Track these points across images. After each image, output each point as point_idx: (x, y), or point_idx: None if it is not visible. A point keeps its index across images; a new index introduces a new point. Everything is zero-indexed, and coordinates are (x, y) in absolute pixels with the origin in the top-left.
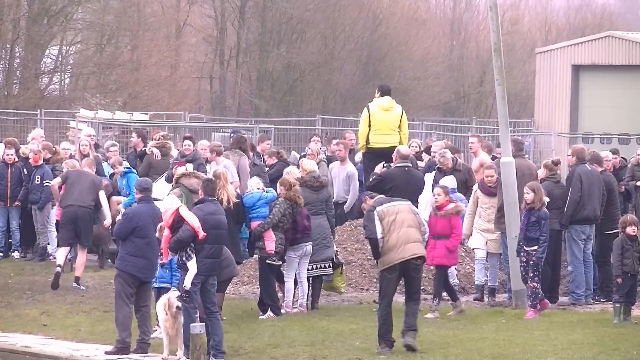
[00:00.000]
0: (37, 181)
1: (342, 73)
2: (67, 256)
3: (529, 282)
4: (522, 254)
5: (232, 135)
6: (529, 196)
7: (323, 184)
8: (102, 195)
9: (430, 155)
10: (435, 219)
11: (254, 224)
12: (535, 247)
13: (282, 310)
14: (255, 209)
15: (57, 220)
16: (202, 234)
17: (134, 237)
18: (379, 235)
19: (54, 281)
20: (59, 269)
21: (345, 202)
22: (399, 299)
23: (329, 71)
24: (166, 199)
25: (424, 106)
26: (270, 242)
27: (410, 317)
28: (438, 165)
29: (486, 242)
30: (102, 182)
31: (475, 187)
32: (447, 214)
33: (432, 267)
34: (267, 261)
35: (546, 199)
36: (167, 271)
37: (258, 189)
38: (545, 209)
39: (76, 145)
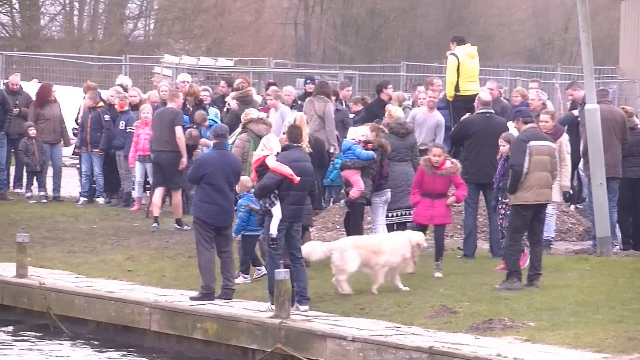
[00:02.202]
0: (122, 126)
1: (426, 19)
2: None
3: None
4: (500, 205)
5: (307, 81)
6: (504, 148)
7: (409, 130)
8: (179, 131)
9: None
10: (433, 178)
11: (343, 173)
12: None
13: None
14: (347, 155)
15: (132, 166)
16: (297, 179)
17: (204, 184)
18: (525, 170)
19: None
20: (155, 225)
21: (426, 148)
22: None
23: (414, 17)
24: (263, 139)
25: (509, 52)
26: (357, 189)
27: (536, 262)
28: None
29: None
30: (180, 116)
31: None
32: (448, 172)
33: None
34: (343, 200)
35: None
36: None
37: (352, 139)
38: None
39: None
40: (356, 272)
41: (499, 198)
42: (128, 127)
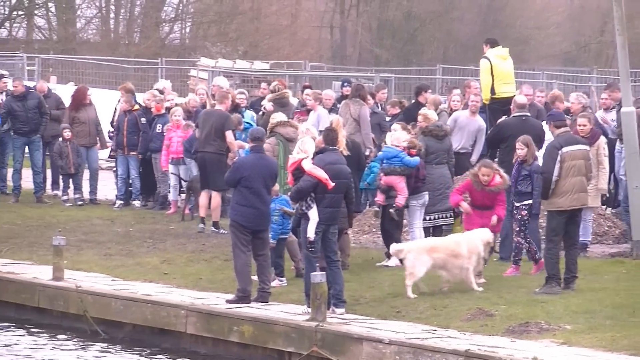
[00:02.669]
0: (159, 130)
1: (462, 22)
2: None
3: (514, 236)
4: (513, 210)
5: (344, 84)
6: (522, 151)
7: (447, 133)
8: (229, 136)
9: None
10: (482, 194)
11: (387, 179)
12: (527, 202)
13: None
14: (393, 162)
15: (164, 169)
16: (331, 184)
17: (241, 187)
18: (555, 178)
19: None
20: (201, 225)
21: (465, 152)
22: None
23: (450, 20)
24: (299, 142)
25: (545, 56)
26: (403, 196)
27: (572, 265)
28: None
29: None
30: (230, 120)
31: None
32: (497, 189)
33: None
34: (390, 210)
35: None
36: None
37: (397, 145)
38: (537, 163)
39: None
40: (424, 276)
41: (513, 202)
42: (165, 130)
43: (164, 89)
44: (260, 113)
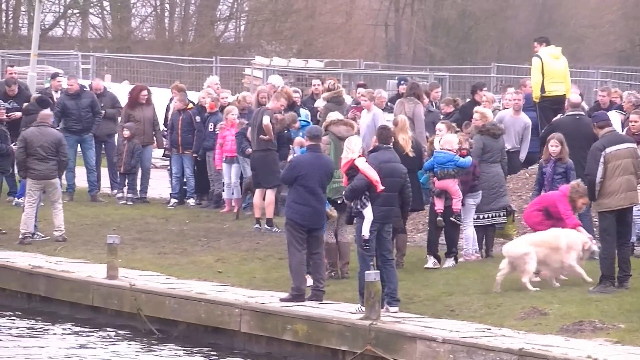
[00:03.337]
0: (211, 128)
1: (517, 21)
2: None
3: None
4: None
5: (400, 82)
6: (556, 149)
7: (503, 131)
8: (266, 119)
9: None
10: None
11: (440, 183)
12: None
13: (460, 259)
14: (448, 166)
15: (218, 168)
16: (380, 187)
17: (298, 186)
18: (598, 180)
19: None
20: (257, 226)
21: (515, 151)
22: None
23: (504, 19)
24: (347, 140)
25: (599, 54)
26: (458, 199)
27: (625, 263)
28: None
29: None
30: (269, 111)
31: None
32: (583, 210)
33: None
34: (451, 219)
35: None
36: None
37: (449, 149)
38: (571, 160)
39: (254, 95)
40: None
41: None
42: (217, 129)
43: (209, 86)
44: (317, 115)
